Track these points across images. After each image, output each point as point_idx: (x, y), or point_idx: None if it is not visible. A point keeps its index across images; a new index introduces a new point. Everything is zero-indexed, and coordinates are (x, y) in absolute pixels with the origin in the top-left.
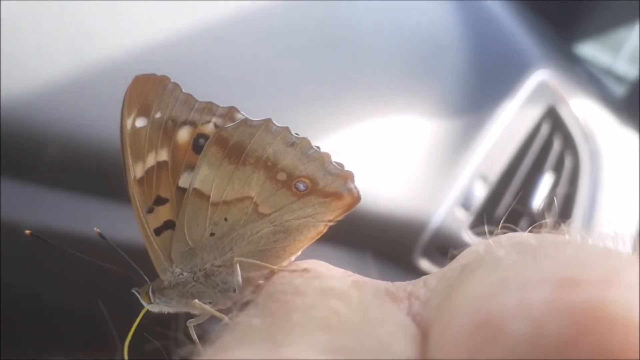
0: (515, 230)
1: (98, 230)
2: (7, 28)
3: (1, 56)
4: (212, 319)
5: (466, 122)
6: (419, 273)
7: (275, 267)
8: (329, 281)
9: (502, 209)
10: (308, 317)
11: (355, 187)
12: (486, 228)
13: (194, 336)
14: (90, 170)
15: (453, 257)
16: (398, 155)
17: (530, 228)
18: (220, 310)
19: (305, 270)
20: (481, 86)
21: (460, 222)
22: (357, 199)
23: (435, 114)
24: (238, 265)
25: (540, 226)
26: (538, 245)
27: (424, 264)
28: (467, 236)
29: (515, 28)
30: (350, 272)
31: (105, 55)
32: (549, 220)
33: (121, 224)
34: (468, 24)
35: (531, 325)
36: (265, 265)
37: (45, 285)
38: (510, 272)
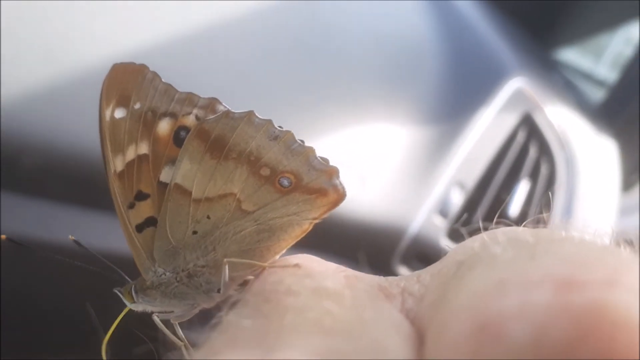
0: (509, 225)
1: (73, 237)
2: None
3: None
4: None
5: (443, 129)
6: None
7: (266, 264)
8: (322, 280)
9: (479, 216)
10: (301, 319)
11: (341, 183)
12: (480, 224)
13: (180, 334)
14: (70, 179)
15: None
16: (375, 163)
17: (525, 223)
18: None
19: (296, 265)
20: (458, 93)
21: (437, 229)
22: (342, 195)
23: (412, 121)
24: (227, 266)
25: (536, 222)
26: (535, 241)
27: (403, 271)
28: (444, 243)
29: (492, 35)
30: (343, 267)
31: (84, 63)
32: (543, 216)
33: (101, 233)
34: (445, 30)
35: (533, 327)
36: (255, 263)
37: (34, 289)
38: (508, 271)
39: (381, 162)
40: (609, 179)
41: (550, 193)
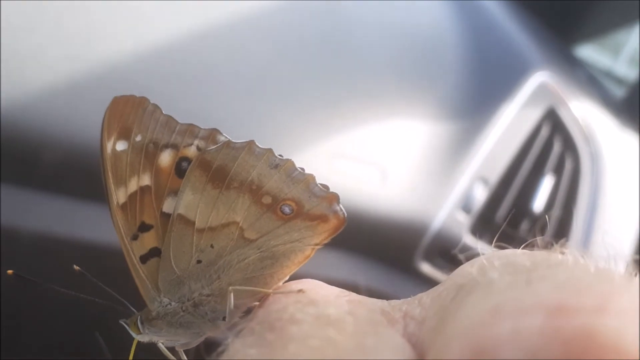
0: (506, 248)
1: (78, 268)
2: (4, 31)
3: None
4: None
5: (466, 124)
6: (420, 277)
7: (270, 290)
8: (324, 308)
9: (502, 211)
10: (304, 348)
11: (341, 209)
12: (479, 248)
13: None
14: (89, 175)
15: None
16: (398, 158)
17: (523, 246)
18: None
19: (300, 291)
20: (481, 88)
21: (461, 225)
22: (342, 221)
23: (435, 116)
24: (232, 294)
25: (533, 245)
26: (531, 266)
27: (425, 267)
28: (468, 239)
29: (514, 30)
30: (346, 292)
31: (103, 58)
32: (541, 238)
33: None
34: (467, 25)
35: (525, 352)
36: (260, 290)
37: (44, 292)
38: (503, 297)
39: (404, 158)
40: (634, 173)
41: (574, 188)
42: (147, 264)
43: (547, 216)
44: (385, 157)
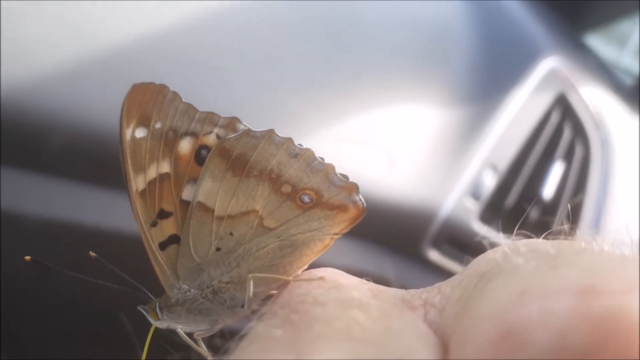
0: (530, 237)
1: (94, 254)
2: (8, 15)
3: (2, 43)
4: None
5: (475, 110)
6: (428, 264)
7: (291, 277)
8: (348, 291)
9: (512, 198)
10: (330, 328)
11: (361, 199)
12: (502, 236)
13: (203, 348)
14: (94, 159)
15: (464, 248)
16: (407, 145)
17: (545, 235)
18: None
19: (321, 278)
20: (490, 74)
21: (469, 212)
22: (362, 210)
23: (445, 103)
24: (252, 282)
25: (555, 233)
26: (556, 253)
27: (433, 254)
28: (477, 226)
29: (524, 15)
30: (365, 281)
31: (108, 42)
32: (564, 227)
33: (125, 213)
34: (477, 10)
35: (554, 334)
36: (280, 277)
37: (46, 276)
38: (530, 281)
39: (412, 144)
40: None
41: (585, 174)
42: (166, 250)
43: (558, 203)
44: (393, 143)
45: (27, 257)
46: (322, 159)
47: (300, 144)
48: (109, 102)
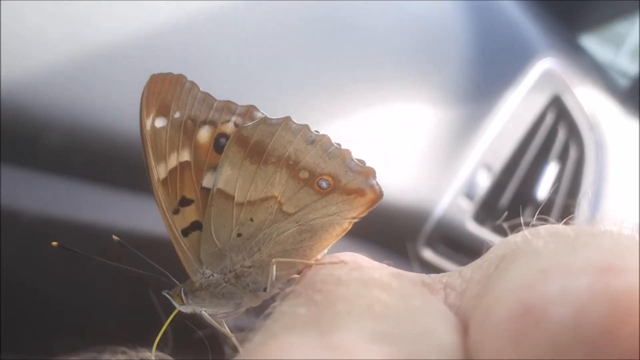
0: (548, 222)
1: (117, 238)
2: (6, 11)
3: (1, 40)
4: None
5: (470, 110)
6: (422, 263)
7: (312, 261)
8: (369, 272)
9: (506, 198)
10: (353, 306)
11: (377, 184)
12: (522, 220)
13: (226, 328)
14: (92, 157)
15: (458, 247)
16: (401, 144)
17: (564, 220)
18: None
19: (342, 262)
20: (485, 74)
21: (463, 211)
22: (379, 195)
23: (440, 102)
24: (275, 266)
25: (574, 218)
26: (575, 235)
27: (427, 254)
28: (471, 226)
29: (519, 15)
30: (385, 265)
31: (106, 39)
32: (583, 212)
33: (126, 211)
34: (473, 10)
35: (574, 311)
36: (302, 262)
37: (45, 273)
38: (550, 261)
39: (407, 144)
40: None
41: (579, 175)
42: (189, 237)
43: (552, 204)
44: (388, 143)
45: (54, 243)
46: (338, 144)
47: (317, 131)
48: (107, 99)
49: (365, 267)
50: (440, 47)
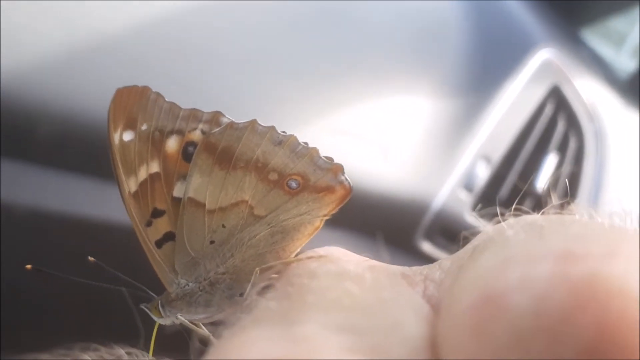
0: (526, 213)
1: (92, 259)
2: (1, 4)
3: None
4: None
5: (469, 101)
6: (420, 256)
7: (292, 259)
8: (344, 264)
9: (505, 190)
10: (321, 298)
11: (347, 179)
12: (498, 211)
13: (204, 329)
14: (86, 149)
15: (457, 240)
16: (400, 136)
17: (542, 211)
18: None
19: (322, 256)
20: (484, 65)
21: (462, 203)
22: (349, 190)
23: (438, 94)
24: (256, 273)
25: (551, 208)
26: (545, 224)
27: (426, 246)
28: (470, 218)
29: (518, 6)
30: (367, 258)
31: (100, 31)
32: (557, 201)
33: (117, 204)
34: (471, 1)
35: (532, 299)
36: (281, 262)
37: (43, 267)
38: (515, 250)
39: (405, 135)
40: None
41: (579, 166)
42: (163, 248)
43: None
44: (387, 135)
45: (28, 266)
46: (305, 143)
47: (283, 131)
48: (100, 91)
49: (340, 260)
50: (439, 38)
